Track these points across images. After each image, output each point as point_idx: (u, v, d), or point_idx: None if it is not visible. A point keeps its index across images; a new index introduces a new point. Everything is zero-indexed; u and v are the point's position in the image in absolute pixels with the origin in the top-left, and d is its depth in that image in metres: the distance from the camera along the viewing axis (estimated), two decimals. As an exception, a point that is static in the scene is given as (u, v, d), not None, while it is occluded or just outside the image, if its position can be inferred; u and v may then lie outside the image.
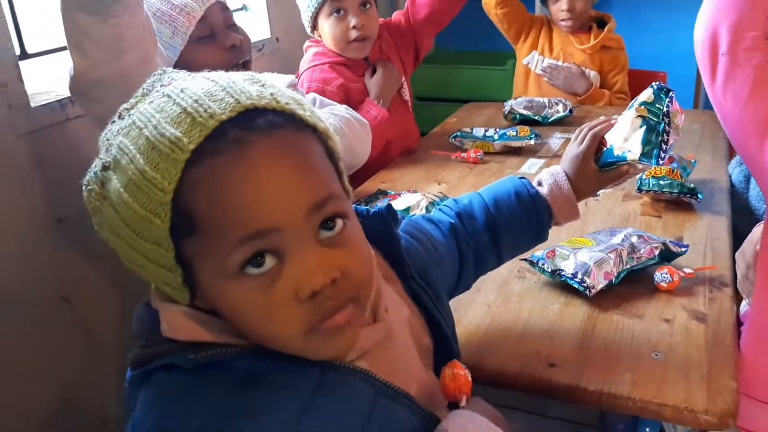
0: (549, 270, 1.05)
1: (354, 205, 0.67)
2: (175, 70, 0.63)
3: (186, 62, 1.25)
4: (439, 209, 0.90)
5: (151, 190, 0.52)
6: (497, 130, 1.75)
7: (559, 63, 2.17)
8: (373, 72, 1.78)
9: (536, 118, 1.93)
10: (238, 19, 2.09)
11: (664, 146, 0.87)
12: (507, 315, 1.01)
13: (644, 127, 0.89)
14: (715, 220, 1.26)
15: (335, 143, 0.60)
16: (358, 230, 0.60)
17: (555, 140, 1.81)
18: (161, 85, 0.59)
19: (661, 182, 1.31)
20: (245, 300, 0.54)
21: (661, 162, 0.88)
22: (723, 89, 0.83)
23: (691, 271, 1.05)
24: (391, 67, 1.79)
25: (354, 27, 1.68)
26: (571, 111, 1.94)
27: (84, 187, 0.59)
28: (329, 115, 1.44)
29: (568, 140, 1.81)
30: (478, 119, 2.07)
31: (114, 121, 0.59)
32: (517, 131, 1.74)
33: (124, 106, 0.60)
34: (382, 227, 0.70)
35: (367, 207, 0.71)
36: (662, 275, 1.03)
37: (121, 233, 0.56)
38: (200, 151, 0.52)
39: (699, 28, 0.86)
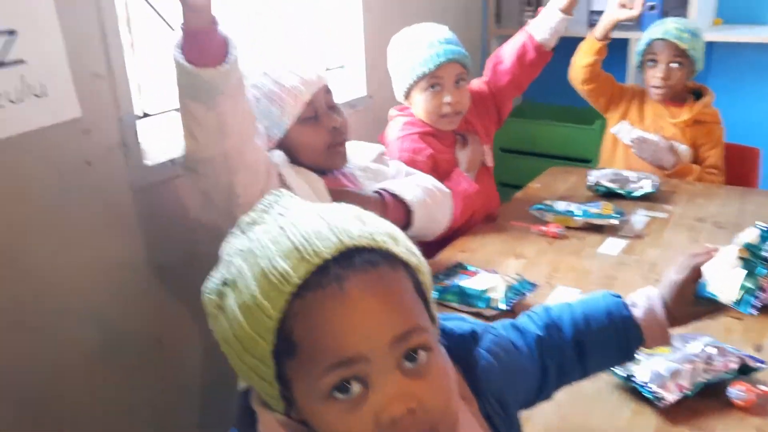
0: (623, 375, 1.07)
1: (441, 320, 0.73)
2: (289, 194, 0.71)
3: (290, 140, 1.36)
4: (528, 316, 0.93)
5: (260, 315, 0.60)
6: (580, 205, 1.77)
7: (648, 135, 2.16)
8: (464, 143, 1.84)
9: (620, 191, 1.94)
10: (338, 76, 2.21)
11: (759, 293, 0.85)
12: (576, 417, 1.03)
13: (744, 272, 0.87)
14: (799, 331, 1.25)
15: (425, 276, 0.67)
16: (440, 363, 0.65)
17: (638, 218, 1.81)
18: (279, 214, 0.67)
19: (745, 284, 1.30)
20: (332, 422, 0.61)
21: (755, 312, 0.85)
22: None
23: (768, 389, 1.05)
24: (477, 139, 1.85)
25: (448, 103, 1.75)
26: (656, 188, 1.93)
27: (203, 292, 0.67)
28: (414, 186, 1.50)
29: (652, 219, 1.81)
30: (561, 186, 2.10)
31: (235, 235, 0.67)
32: (600, 208, 1.76)
33: (245, 219, 0.68)
34: (464, 348, 0.76)
35: (452, 328, 0.77)
36: (738, 392, 1.03)
37: (232, 344, 0.64)
38: (305, 285, 0.59)
39: None
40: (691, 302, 0.92)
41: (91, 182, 1.40)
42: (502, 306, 1.30)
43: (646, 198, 1.92)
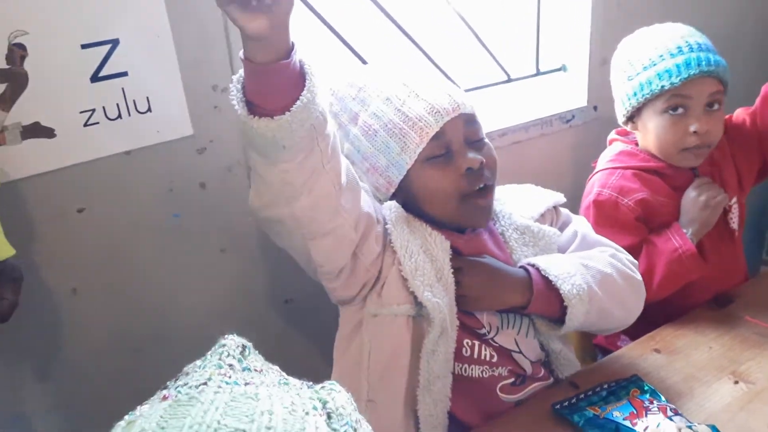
0: None
1: None
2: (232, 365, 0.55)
3: (410, 183, 1.04)
4: None
5: None
6: None
7: None
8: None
9: None
10: (551, 81, 1.78)
11: None
12: None
13: None
14: None
15: None
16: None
17: None
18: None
19: None
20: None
21: None
22: None
23: None
24: (718, 190, 1.33)
25: (695, 132, 1.27)
26: None
27: None
28: (584, 267, 1.07)
29: None
30: None
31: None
32: None
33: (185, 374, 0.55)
34: None
35: None
36: None
37: None
38: None
39: None
40: None
41: (207, 206, 1.26)
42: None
43: None
